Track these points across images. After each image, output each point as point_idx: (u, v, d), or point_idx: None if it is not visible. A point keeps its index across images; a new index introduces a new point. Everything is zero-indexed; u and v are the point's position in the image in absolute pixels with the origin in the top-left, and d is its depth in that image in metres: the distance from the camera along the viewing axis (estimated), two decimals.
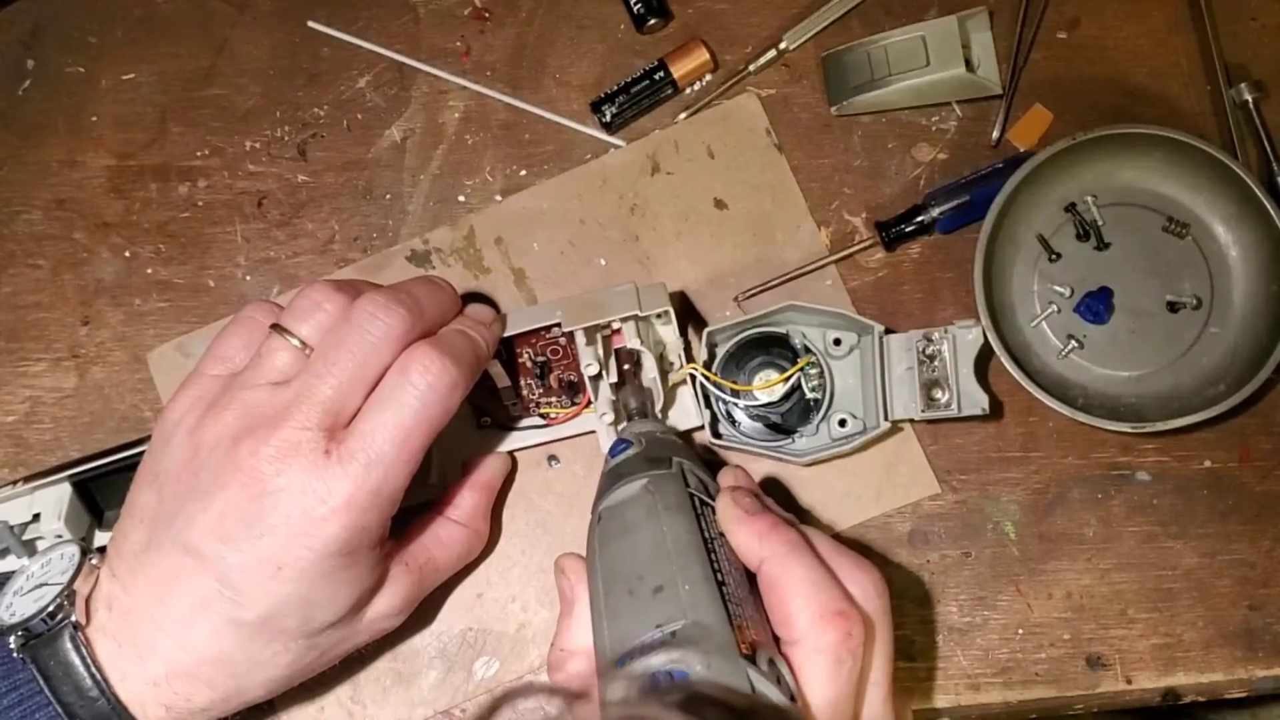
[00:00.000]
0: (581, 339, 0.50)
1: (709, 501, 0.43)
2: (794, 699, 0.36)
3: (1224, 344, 0.53)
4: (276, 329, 0.44)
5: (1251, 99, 0.56)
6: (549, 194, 0.58)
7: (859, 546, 0.54)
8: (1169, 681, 0.52)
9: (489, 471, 0.53)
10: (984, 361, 0.53)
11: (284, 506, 0.41)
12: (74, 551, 0.45)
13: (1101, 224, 0.55)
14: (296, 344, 0.44)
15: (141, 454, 0.46)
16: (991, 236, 0.53)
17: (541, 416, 0.54)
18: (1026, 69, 0.58)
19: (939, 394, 0.51)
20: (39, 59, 0.61)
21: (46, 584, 0.44)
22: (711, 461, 0.54)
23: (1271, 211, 0.51)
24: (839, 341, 0.53)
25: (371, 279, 0.49)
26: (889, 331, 0.52)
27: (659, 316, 0.51)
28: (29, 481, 0.51)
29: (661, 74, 0.57)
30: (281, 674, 0.44)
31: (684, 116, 0.58)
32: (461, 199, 0.58)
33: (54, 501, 0.51)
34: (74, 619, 0.42)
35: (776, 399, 0.53)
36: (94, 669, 0.42)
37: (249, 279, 0.58)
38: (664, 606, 0.37)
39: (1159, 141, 0.53)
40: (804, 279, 0.56)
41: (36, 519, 0.51)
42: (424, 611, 0.51)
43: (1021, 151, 0.57)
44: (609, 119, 0.57)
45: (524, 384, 0.53)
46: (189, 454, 0.43)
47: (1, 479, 0.56)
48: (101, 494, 0.53)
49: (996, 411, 0.54)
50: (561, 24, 0.60)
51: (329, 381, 0.42)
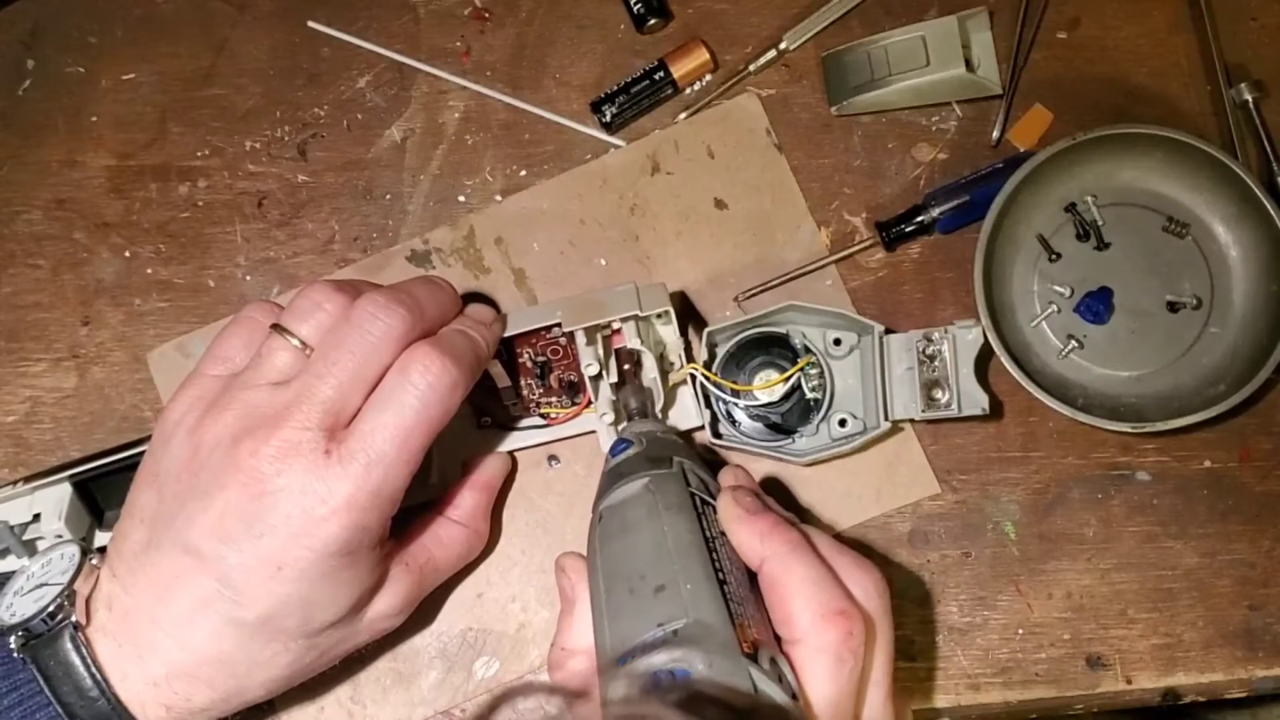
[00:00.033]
0: (581, 339, 0.50)
1: (710, 501, 0.43)
2: (795, 698, 0.36)
3: (1224, 344, 0.53)
4: (277, 329, 0.44)
5: (1251, 99, 0.56)
6: (549, 194, 0.58)
7: (859, 546, 0.54)
8: (1169, 681, 0.52)
9: (489, 471, 0.53)
10: (984, 361, 0.53)
11: (284, 506, 0.41)
12: (74, 552, 0.45)
13: (1101, 224, 0.55)
14: (297, 344, 0.44)
15: (141, 454, 0.46)
16: (991, 236, 0.53)
17: (541, 416, 0.54)
18: (1026, 69, 0.58)
19: (939, 394, 0.51)
20: (39, 59, 0.61)
21: (47, 584, 0.44)
22: (712, 461, 0.54)
23: (1271, 211, 0.51)
24: (839, 341, 0.53)
25: (371, 279, 0.49)
26: (889, 331, 0.52)
27: (659, 316, 0.51)
28: (29, 481, 0.51)
29: (661, 74, 0.57)
30: (281, 674, 0.44)
31: (684, 116, 0.58)
32: (461, 199, 0.58)
33: (54, 501, 0.51)
34: (74, 619, 0.42)
35: (776, 399, 0.53)
36: (94, 669, 0.41)
37: (249, 279, 0.58)
38: (665, 605, 0.37)
39: (1159, 141, 0.53)
40: (804, 279, 0.56)
41: (37, 519, 0.51)
42: (424, 611, 0.51)
43: (1021, 151, 0.57)
44: (609, 119, 0.57)
45: (524, 384, 0.53)
46: (189, 454, 0.43)
47: (1, 479, 0.56)
48: (102, 494, 0.53)
49: (996, 411, 0.54)
50: (561, 24, 0.60)
51: (329, 381, 0.42)
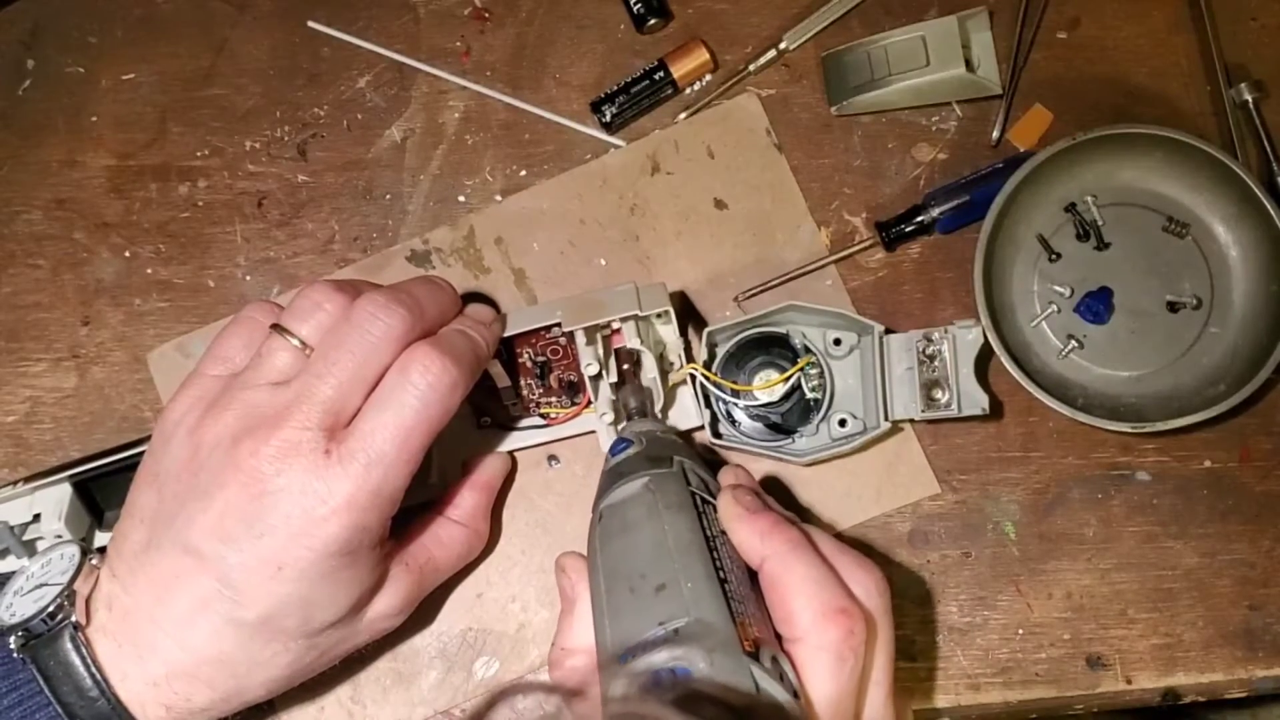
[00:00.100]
0: (581, 339, 0.50)
1: (710, 500, 0.43)
2: (797, 696, 0.36)
3: (1224, 344, 0.53)
4: (277, 329, 0.44)
5: (1251, 99, 0.56)
6: (549, 194, 0.58)
7: (860, 546, 0.53)
8: (1169, 681, 0.52)
9: (489, 471, 0.53)
10: (984, 361, 0.53)
11: (284, 506, 0.41)
12: (74, 552, 0.45)
13: (1101, 224, 0.55)
14: (297, 344, 0.44)
15: (141, 454, 0.46)
16: (991, 236, 0.53)
17: (541, 416, 0.54)
18: (1026, 69, 0.58)
19: (939, 394, 0.51)
20: (39, 59, 0.61)
21: (46, 584, 0.44)
22: (712, 461, 0.54)
23: (1271, 211, 0.51)
24: (839, 341, 0.53)
25: (371, 279, 0.49)
26: (889, 331, 0.52)
27: (659, 316, 0.51)
28: (29, 482, 0.51)
29: (661, 74, 0.57)
30: (281, 674, 0.44)
31: (684, 116, 0.58)
32: (461, 199, 0.58)
33: (54, 502, 0.50)
34: (74, 619, 0.42)
35: (776, 399, 0.53)
36: (94, 669, 0.41)
37: (249, 279, 0.58)
38: (666, 604, 0.37)
39: (1159, 141, 0.53)
40: (804, 279, 0.56)
41: (37, 519, 0.51)
42: (424, 611, 0.51)
43: (1021, 151, 0.57)
44: (609, 119, 0.57)
45: (524, 384, 0.53)
46: (189, 454, 0.43)
47: (1, 479, 0.56)
48: (101, 494, 0.53)
49: (996, 411, 0.54)
50: (561, 24, 0.60)
51: (329, 381, 0.42)
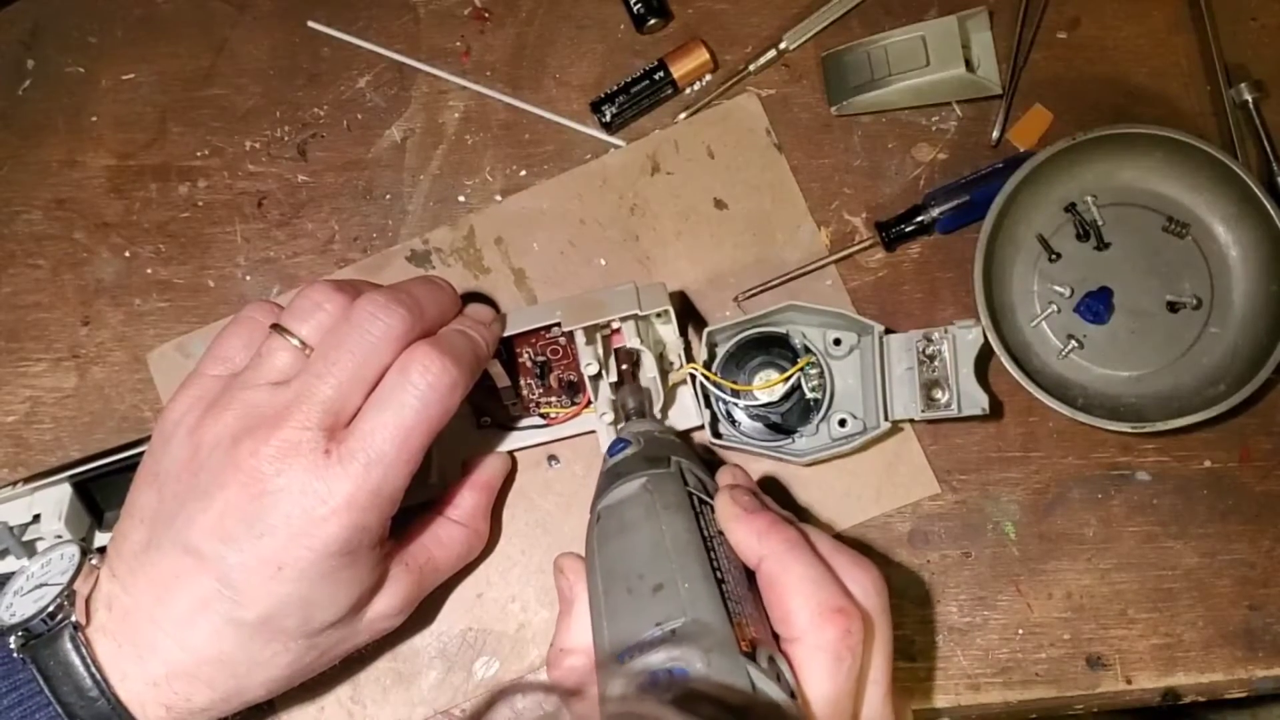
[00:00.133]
0: (581, 338, 0.50)
1: (708, 500, 0.43)
2: (794, 696, 0.36)
3: (1224, 344, 0.53)
4: (276, 329, 0.44)
5: (1251, 99, 0.56)
6: (549, 194, 0.58)
7: (859, 546, 0.53)
8: (1169, 681, 0.52)
9: (489, 471, 0.53)
10: (984, 361, 0.53)
11: (284, 506, 0.41)
12: (74, 552, 0.45)
13: (1101, 224, 0.55)
14: (296, 344, 0.44)
15: (141, 454, 0.46)
16: (991, 236, 0.53)
17: (541, 416, 0.54)
18: (1026, 69, 0.58)
19: (939, 394, 0.51)
20: (39, 59, 0.61)
21: (46, 584, 0.44)
22: (710, 461, 0.54)
23: (1271, 211, 0.51)
24: (839, 341, 0.53)
25: (371, 279, 0.49)
26: (889, 331, 0.52)
27: (659, 316, 0.51)
28: (29, 482, 0.51)
29: (661, 74, 0.57)
30: (281, 674, 0.44)
31: (684, 116, 0.58)
32: (461, 199, 0.58)
33: (54, 502, 0.50)
34: (74, 619, 0.42)
35: (776, 399, 0.53)
36: (94, 669, 0.41)
37: (249, 279, 0.58)
38: (663, 604, 0.37)
39: (1159, 141, 0.53)
40: (804, 279, 0.56)
41: (36, 520, 0.51)
42: (424, 611, 0.51)
43: (1021, 151, 0.57)
44: (609, 119, 0.57)
45: (524, 384, 0.53)
46: (189, 454, 0.43)
47: (1, 479, 0.56)
48: (101, 494, 0.53)
49: (996, 411, 0.54)
50: (561, 24, 0.60)
51: (329, 381, 0.42)
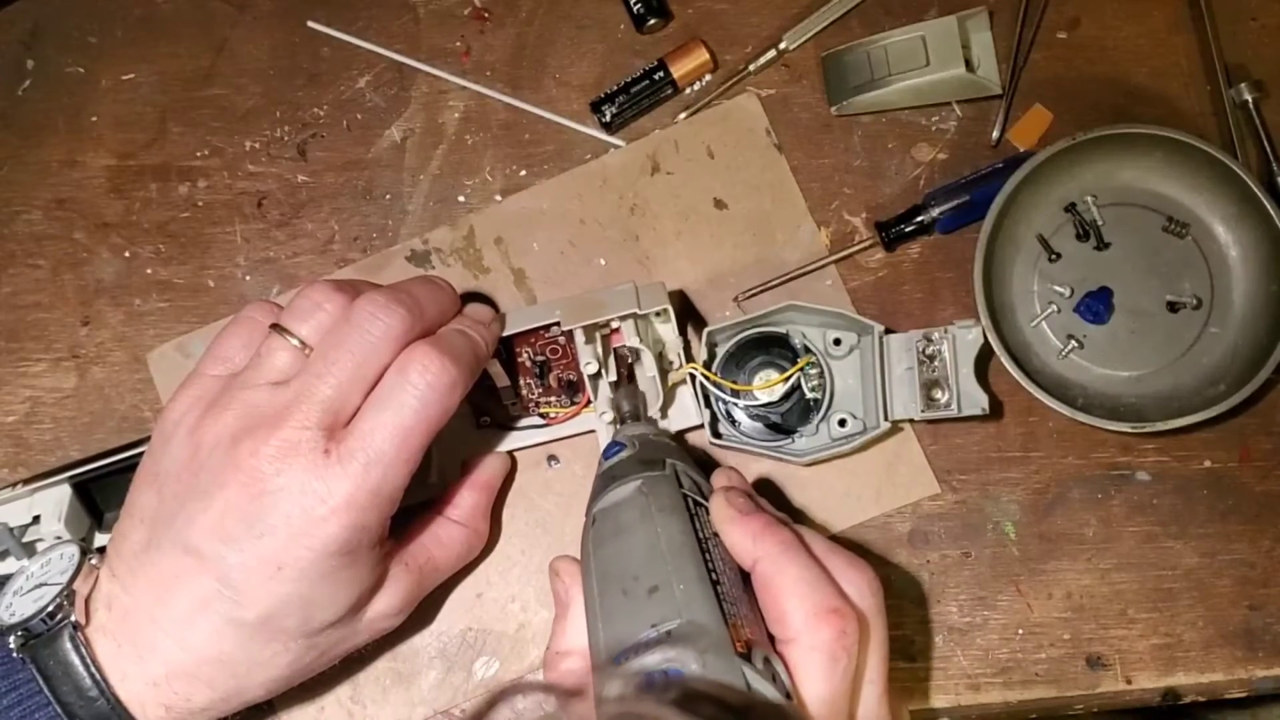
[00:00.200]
0: (581, 338, 0.50)
1: (702, 502, 0.43)
2: (789, 697, 0.36)
3: (1224, 344, 0.53)
4: (276, 329, 0.44)
5: (1251, 99, 0.56)
6: (549, 194, 0.58)
7: (858, 547, 0.53)
8: (1169, 681, 0.52)
9: (489, 471, 0.53)
10: (984, 361, 0.53)
11: (284, 506, 0.41)
12: (73, 551, 0.45)
13: (1101, 224, 0.55)
14: (296, 344, 0.44)
15: (141, 454, 0.46)
16: (991, 236, 0.53)
17: (541, 416, 0.54)
18: (1026, 69, 0.58)
19: (939, 394, 0.51)
20: (39, 59, 0.61)
21: (46, 584, 0.44)
22: (706, 463, 0.54)
23: (1271, 211, 0.51)
24: (839, 341, 0.53)
25: (371, 279, 0.49)
26: (889, 331, 0.52)
27: (658, 315, 0.51)
28: (29, 483, 0.51)
29: (661, 74, 0.57)
30: (281, 674, 0.44)
31: (684, 116, 0.58)
32: (461, 199, 0.58)
33: (54, 503, 0.51)
34: (73, 619, 0.42)
35: (776, 399, 0.53)
36: (94, 669, 0.42)
37: (249, 279, 0.58)
38: (659, 606, 0.37)
39: (1159, 141, 0.53)
40: (804, 279, 0.56)
41: (36, 521, 0.51)
42: (424, 611, 0.51)
43: (1021, 151, 0.57)
44: (609, 119, 0.57)
45: (524, 383, 0.53)
46: (189, 454, 0.43)
47: (1, 479, 0.56)
48: (101, 495, 0.53)
49: (996, 411, 0.54)
50: (561, 24, 0.60)
51: (329, 381, 0.42)
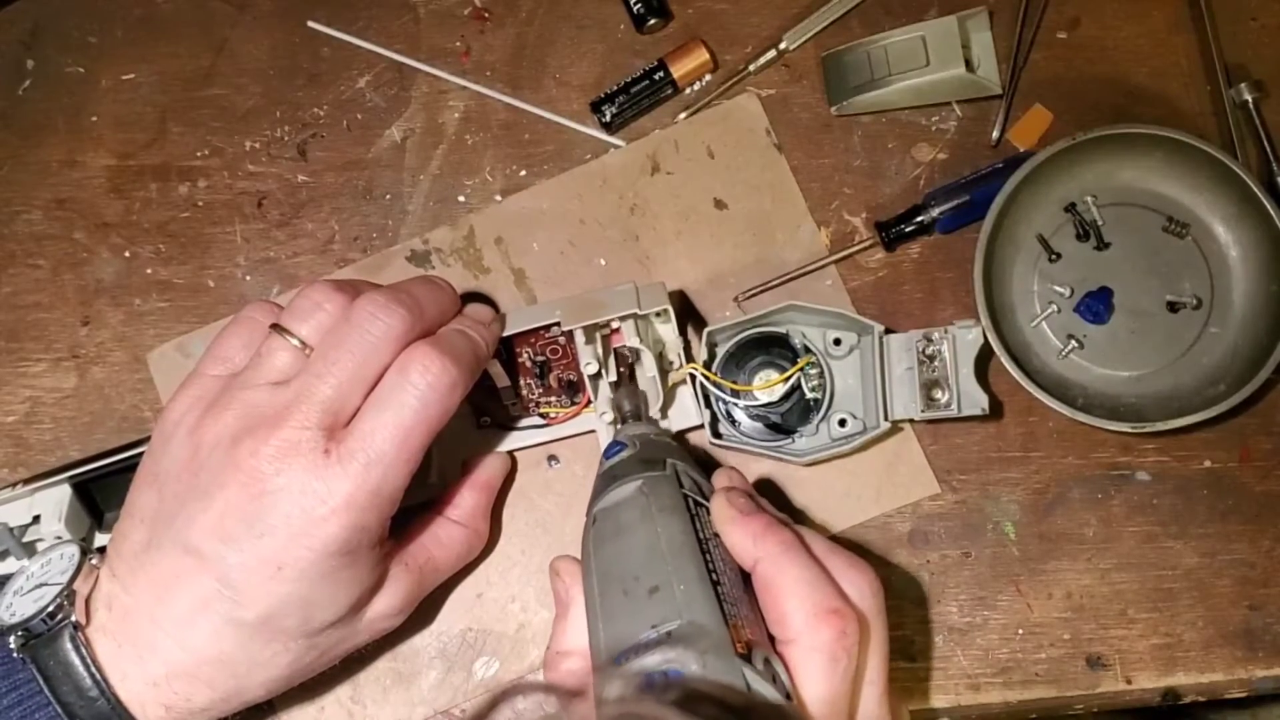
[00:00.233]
0: (581, 338, 0.50)
1: (703, 502, 0.43)
2: (790, 697, 0.36)
3: (1224, 344, 0.53)
4: (276, 329, 0.44)
5: (1251, 99, 0.56)
6: (549, 194, 0.58)
7: (858, 547, 0.53)
8: (1169, 681, 0.52)
9: (489, 471, 0.53)
10: (984, 361, 0.53)
11: (284, 506, 0.41)
12: (74, 551, 0.45)
13: (1101, 224, 0.55)
14: (296, 344, 0.44)
15: (141, 454, 0.46)
16: (991, 236, 0.53)
17: (541, 416, 0.54)
18: (1026, 69, 0.58)
19: (939, 394, 0.51)
20: (39, 59, 0.61)
21: (46, 584, 0.44)
22: (706, 463, 0.54)
23: (1271, 211, 0.51)
24: (839, 341, 0.53)
25: (371, 279, 0.49)
26: (889, 331, 0.52)
27: (658, 315, 0.51)
28: (29, 483, 0.51)
29: (661, 74, 0.57)
30: (281, 674, 0.44)
31: (684, 116, 0.58)
32: (461, 199, 0.58)
33: (54, 503, 0.51)
34: (74, 619, 0.42)
35: (776, 399, 0.53)
36: (94, 669, 0.42)
37: (249, 279, 0.58)
38: (659, 606, 0.37)
39: (1159, 141, 0.53)
40: (804, 279, 0.56)
41: (36, 521, 0.51)
42: (424, 611, 0.51)
43: (1021, 151, 0.57)
44: (609, 119, 0.57)
45: (524, 384, 0.53)
46: (189, 454, 0.43)
47: (1, 479, 0.56)
48: (101, 495, 0.53)
49: (996, 411, 0.54)
50: (561, 24, 0.60)
51: (329, 381, 0.42)
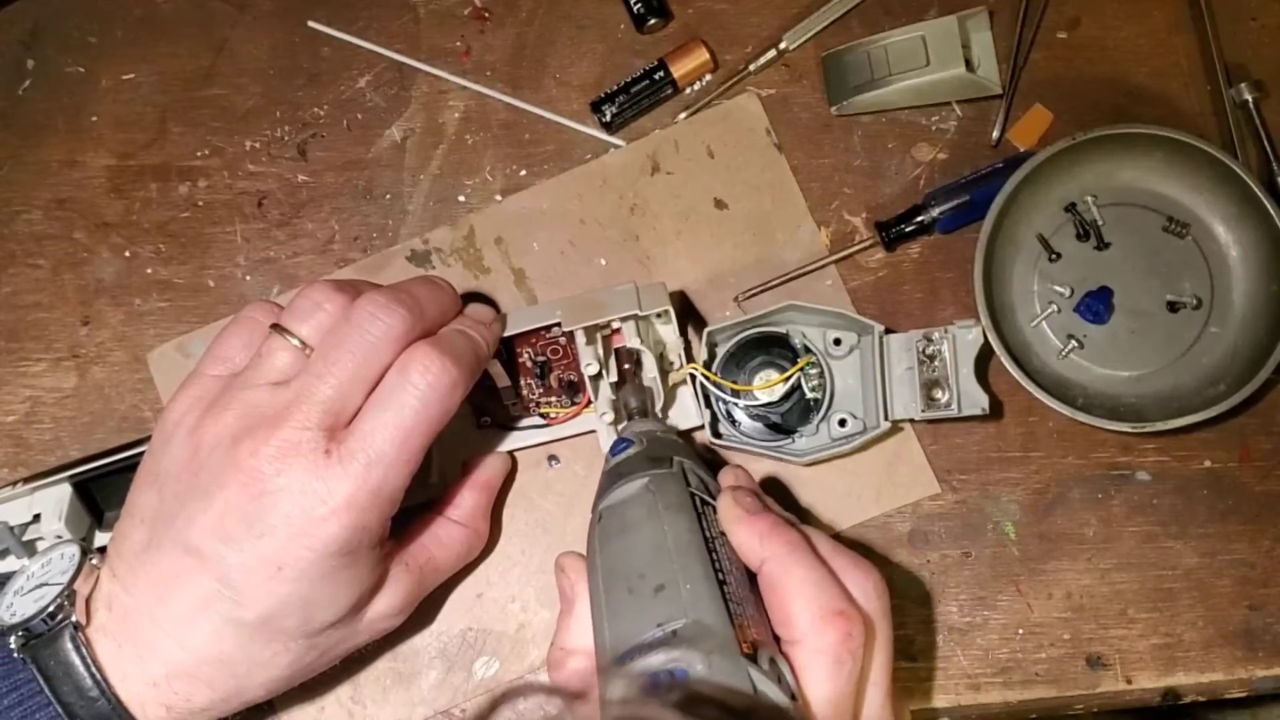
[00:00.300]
0: (581, 338, 0.50)
1: (710, 501, 0.43)
2: (794, 698, 0.36)
3: (1224, 344, 0.53)
4: (277, 329, 0.44)
5: (1251, 99, 0.56)
6: (549, 194, 0.58)
7: (859, 546, 0.54)
8: (1169, 681, 0.52)
9: (489, 471, 0.53)
10: (984, 361, 0.53)
11: (284, 506, 0.41)
12: (74, 551, 0.45)
13: (1101, 224, 0.55)
14: (296, 344, 0.44)
15: (141, 454, 0.46)
16: (991, 236, 0.53)
17: (541, 416, 0.54)
18: (1026, 69, 0.58)
19: (939, 394, 0.51)
20: (39, 59, 0.61)
21: (47, 584, 0.44)
22: (712, 461, 0.54)
23: (1271, 211, 0.51)
24: (839, 341, 0.53)
25: (371, 279, 0.49)
26: (889, 331, 0.52)
27: (659, 316, 0.51)
28: (29, 482, 0.51)
29: (661, 74, 0.57)
30: (281, 674, 0.44)
31: (684, 116, 0.58)
32: (461, 199, 0.58)
33: (54, 502, 0.50)
34: (74, 619, 0.42)
35: (776, 399, 0.53)
36: (94, 669, 0.41)
37: (249, 279, 0.58)
38: (665, 605, 0.37)
39: (1159, 141, 0.53)
40: (804, 279, 0.56)
41: (37, 520, 0.51)
42: (424, 611, 0.51)
43: (1021, 151, 0.57)
44: (609, 119, 0.57)
45: (524, 384, 0.53)
46: (189, 454, 0.43)
47: (1, 479, 0.56)
48: (101, 494, 0.53)
49: (996, 411, 0.54)
50: (561, 24, 0.60)
51: (329, 381, 0.42)
